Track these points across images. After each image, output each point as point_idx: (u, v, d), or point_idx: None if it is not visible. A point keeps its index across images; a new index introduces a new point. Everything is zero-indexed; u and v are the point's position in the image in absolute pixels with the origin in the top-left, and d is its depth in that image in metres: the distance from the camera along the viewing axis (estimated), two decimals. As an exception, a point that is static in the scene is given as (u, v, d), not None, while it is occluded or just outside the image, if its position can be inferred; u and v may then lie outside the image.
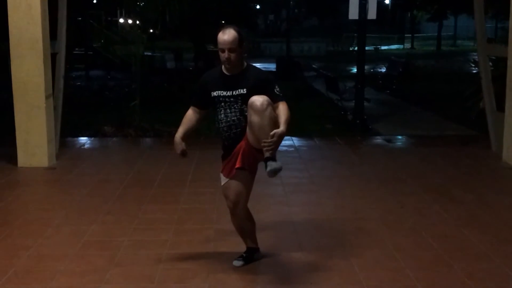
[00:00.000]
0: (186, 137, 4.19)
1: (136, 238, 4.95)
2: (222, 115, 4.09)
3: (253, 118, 3.76)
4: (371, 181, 6.83)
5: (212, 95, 4.12)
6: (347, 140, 9.36)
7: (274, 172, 3.77)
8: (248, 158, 4.03)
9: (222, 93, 4.09)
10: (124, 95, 14.55)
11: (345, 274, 4.25)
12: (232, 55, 3.99)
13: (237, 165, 4.05)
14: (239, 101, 4.04)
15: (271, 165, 3.76)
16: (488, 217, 5.52)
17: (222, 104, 4.09)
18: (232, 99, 4.07)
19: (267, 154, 3.77)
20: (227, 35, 3.97)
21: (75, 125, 10.32)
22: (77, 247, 4.74)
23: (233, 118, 4.06)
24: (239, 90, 4.05)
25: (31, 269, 4.33)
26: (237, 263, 4.37)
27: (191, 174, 7.03)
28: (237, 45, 3.98)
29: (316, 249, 4.73)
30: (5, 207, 5.87)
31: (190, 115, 4.27)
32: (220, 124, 4.11)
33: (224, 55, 4.00)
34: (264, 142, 3.71)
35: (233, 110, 4.06)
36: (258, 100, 3.76)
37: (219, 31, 4.02)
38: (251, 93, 3.93)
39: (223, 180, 4.20)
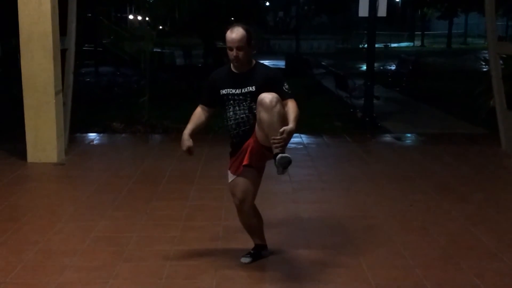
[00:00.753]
0: (194, 134, 4.18)
1: (144, 234, 4.96)
2: (231, 113, 4.09)
3: (262, 115, 3.75)
4: (380, 179, 6.81)
5: (221, 93, 4.12)
6: (356, 138, 9.33)
7: (283, 165, 3.72)
8: (256, 155, 4.02)
9: (231, 91, 4.08)
10: (133, 91, 14.58)
11: (353, 272, 4.24)
12: (241, 53, 3.98)
13: (244, 162, 4.05)
14: (248, 98, 4.04)
15: (281, 159, 3.69)
16: (497, 216, 5.49)
17: (231, 102, 4.09)
18: (241, 97, 4.06)
19: (276, 151, 3.76)
20: (235, 34, 3.96)
21: (84, 121, 10.34)
22: (86, 242, 4.76)
23: (241, 116, 4.06)
24: (248, 88, 4.04)
25: (39, 264, 4.35)
26: (245, 260, 4.37)
27: (200, 170, 7.04)
28: (246, 43, 3.98)
29: (324, 246, 4.72)
30: (14, 202, 5.90)
31: (199, 112, 4.26)
32: (229, 121, 4.11)
33: (232, 54, 3.99)
34: (274, 139, 3.70)
35: (241, 107, 4.06)
36: (267, 97, 3.75)
37: (228, 30, 4.01)
38: (260, 90, 3.92)
39: (231, 177, 4.20)
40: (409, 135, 10.02)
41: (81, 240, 4.80)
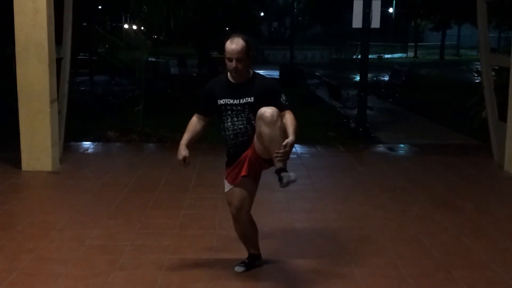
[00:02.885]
0: (191, 144, 4.20)
1: (138, 242, 4.97)
2: (229, 123, 4.08)
3: (264, 129, 3.76)
4: (373, 189, 6.85)
5: (219, 103, 4.10)
6: (349, 148, 9.38)
7: (288, 184, 3.79)
8: (254, 166, 4.05)
9: (229, 101, 4.07)
10: (128, 100, 14.61)
11: (347, 281, 4.26)
12: (240, 65, 3.96)
13: (243, 173, 4.06)
14: (246, 109, 4.04)
15: (286, 176, 3.75)
16: (489, 226, 5.53)
17: (229, 112, 4.08)
18: (239, 108, 4.06)
19: (279, 165, 3.79)
20: (235, 45, 3.94)
21: (79, 129, 10.35)
22: (80, 250, 4.77)
23: (240, 127, 4.06)
24: (247, 98, 4.04)
25: (33, 272, 4.35)
26: (239, 269, 4.39)
27: (194, 179, 7.06)
28: (245, 54, 3.96)
29: (317, 256, 4.75)
30: (9, 210, 5.90)
31: (195, 122, 4.24)
32: (227, 131, 4.10)
33: (231, 65, 3.97)
34: (277, 153, 3.73)
35: (240, 118, 4.06)
36: (268, 111, 3.75)
37: (227, 40, 3.98)
38: (258, 101, 3.96)
39: (227, 187, 4.20)
40: (402, 145, 10.07)
41: (76, 248, 4.81)
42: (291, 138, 3.78)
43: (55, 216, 5.72)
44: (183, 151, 4.10)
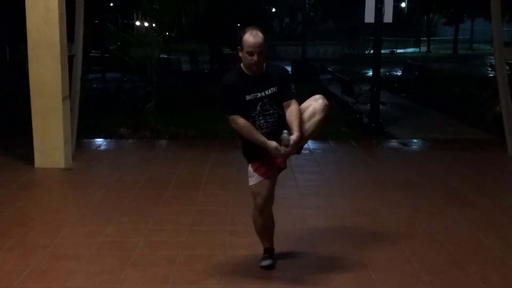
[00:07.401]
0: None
1: (151, 239, 4.98)
2: (262, 121, 3.98)
3: (316, 104, 3.94)
4: (386, 184, 6.81)
5: (247, 99, 3.96)
6: (362, 143, 9.34)
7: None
8: (285, 157, 4.07)
9: (257, 95, 3.97)
10: (140, 97, 14.59)
11: (360, 277, 4.24)
12: (261, 58, 3.89)
13: (283, 165, 4.10)
14: (272, 101, 4.00)
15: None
16: (503, 221, 5.48)
17: (258, 107, 3.97)
18: (265, 100, 3.99)
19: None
20: (256, 38, 3.84)
21: (91, 126, 10.38)
22: (93, 247, 4.78)
23: (273, 123, 3.99)
24: (272, 88, 4.00)
25: (46, 269, 4.37)
26: (266, 262, 4.34)
27: (206, 176, 7.05)
28: (265, 46, 3.90)
29: (330, 251, 4.73)
30: (22, 207, 5.93)
31: (244, 121, 3.94)
32: (260, 130, 3.96)
33: (252, 58, 3.86)
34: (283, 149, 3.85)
35: (271, 115, 4.00)
36: (324, 101, 3.98)
37: (244, 33, 3.87)
38: (279, 89, 3.99)
39: (256, 179, 4.08)
40: (415, 140, 10.00)
41: (88, 245, 4.82)
42: (296, 134, 3.83)
43: (68, 213, 5.75)
44: (272, 143, 3.87)
